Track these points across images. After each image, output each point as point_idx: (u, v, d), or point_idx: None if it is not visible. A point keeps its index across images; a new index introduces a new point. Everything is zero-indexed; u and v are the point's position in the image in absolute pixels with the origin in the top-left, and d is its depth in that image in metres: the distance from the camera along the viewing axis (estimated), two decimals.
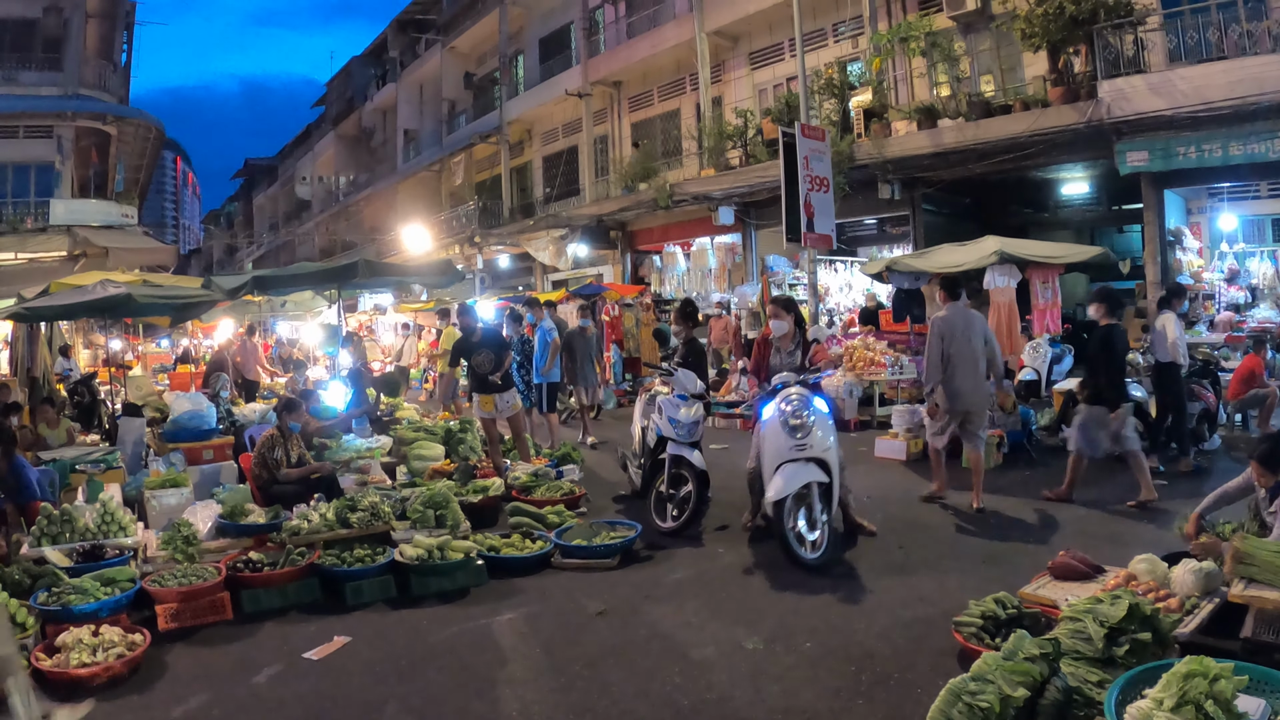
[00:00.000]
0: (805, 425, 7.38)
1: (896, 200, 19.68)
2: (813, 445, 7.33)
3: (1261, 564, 4.80)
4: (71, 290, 13.72)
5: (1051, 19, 16.11)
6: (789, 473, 7.25)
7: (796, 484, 7.19)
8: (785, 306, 8.39)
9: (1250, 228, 18.49)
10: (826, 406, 7.79)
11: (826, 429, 7.54)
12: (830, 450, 7.43)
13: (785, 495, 7.13)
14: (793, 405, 7.50)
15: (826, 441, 7.43)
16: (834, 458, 7.48)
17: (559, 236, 28.92)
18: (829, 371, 7.65)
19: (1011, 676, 4.00)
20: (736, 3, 24.00)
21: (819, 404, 7.68)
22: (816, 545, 7.28)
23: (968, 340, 9.11)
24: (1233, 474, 6.17)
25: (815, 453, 7.33)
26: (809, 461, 7.32)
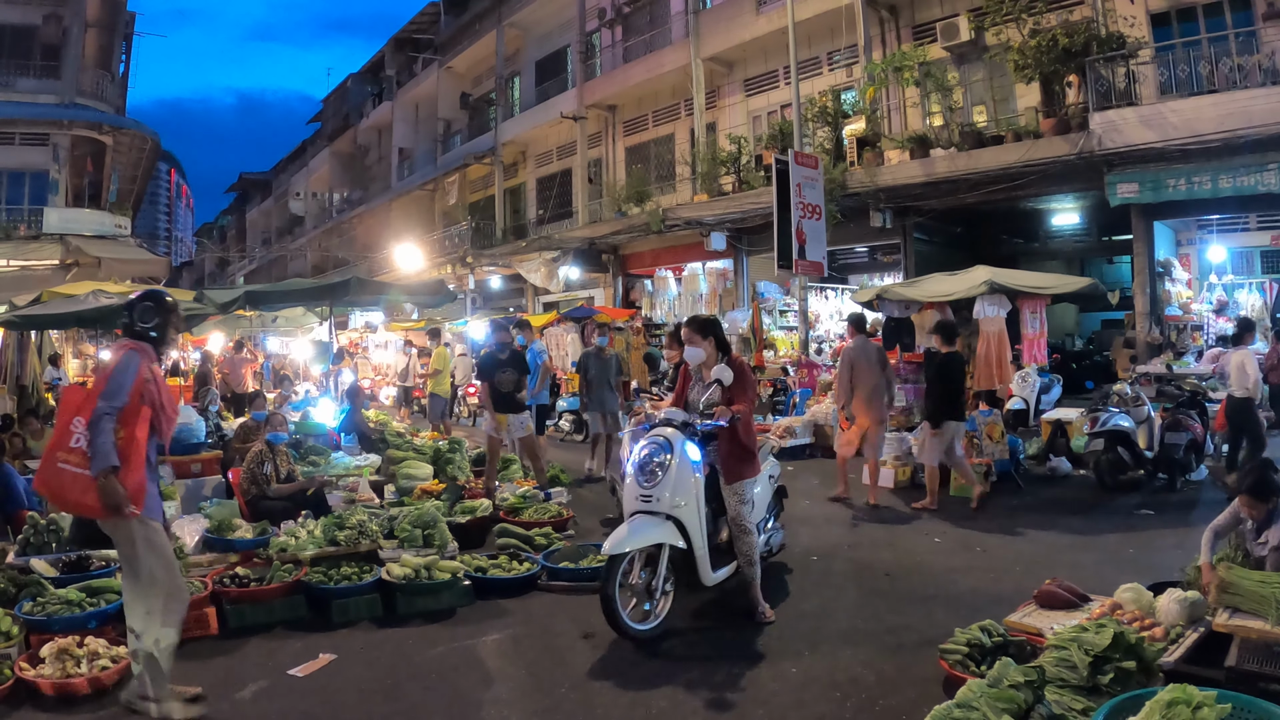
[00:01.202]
0: (654, 475, 6.33)
1: (888, 229, 19.74)
2: (659, 500, 6.24)
3: (1246, 594, 4.83)
4: (63, 299, 13.73)
5: (1044, 51, 16.30)
6: (636, 526, 6.24)
7: (640, 542, 6.14)
8: (700, 329, 6.91)
9: (1239, 259, 18.61)
10: (698, 455, 6.47)
11: (686, 485, 6.31)
12: (685, 509, 6.27)
13: (621, 551, 6.04)
14: (648, 449, 6.48)
15: (678, 498, 6.25)
16: (692, 517, 6.31)
17: (551, 259, 28.94)
18: (722, 421, 6.36)
19: (996, 704, 4.02)
20: (732, 30, 24.12)
21: (690, 452, 6.41)
22: (651, 615, 6.26)
23: (868, 367, 11.14)
24: (1219, 503, 6.20)
25: (663, 507, 6.24)
26: (667, 519, 6.26)
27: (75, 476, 4.89)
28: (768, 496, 7.50)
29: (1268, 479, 5.51)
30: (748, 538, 6.57)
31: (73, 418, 5.00)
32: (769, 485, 7.57)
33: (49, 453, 5.06)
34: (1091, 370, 21.04)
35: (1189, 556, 6.16)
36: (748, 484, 6.68)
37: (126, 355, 5.11)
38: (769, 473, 7.59)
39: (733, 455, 6.61)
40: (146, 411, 5.08)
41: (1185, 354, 15.99)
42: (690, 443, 6.47)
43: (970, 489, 10.75)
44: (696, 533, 6.34)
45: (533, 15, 33.58)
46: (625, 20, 29.61)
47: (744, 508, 6.61)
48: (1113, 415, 11.22)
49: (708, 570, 6.46)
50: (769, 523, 7.58)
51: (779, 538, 7.87)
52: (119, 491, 4.84)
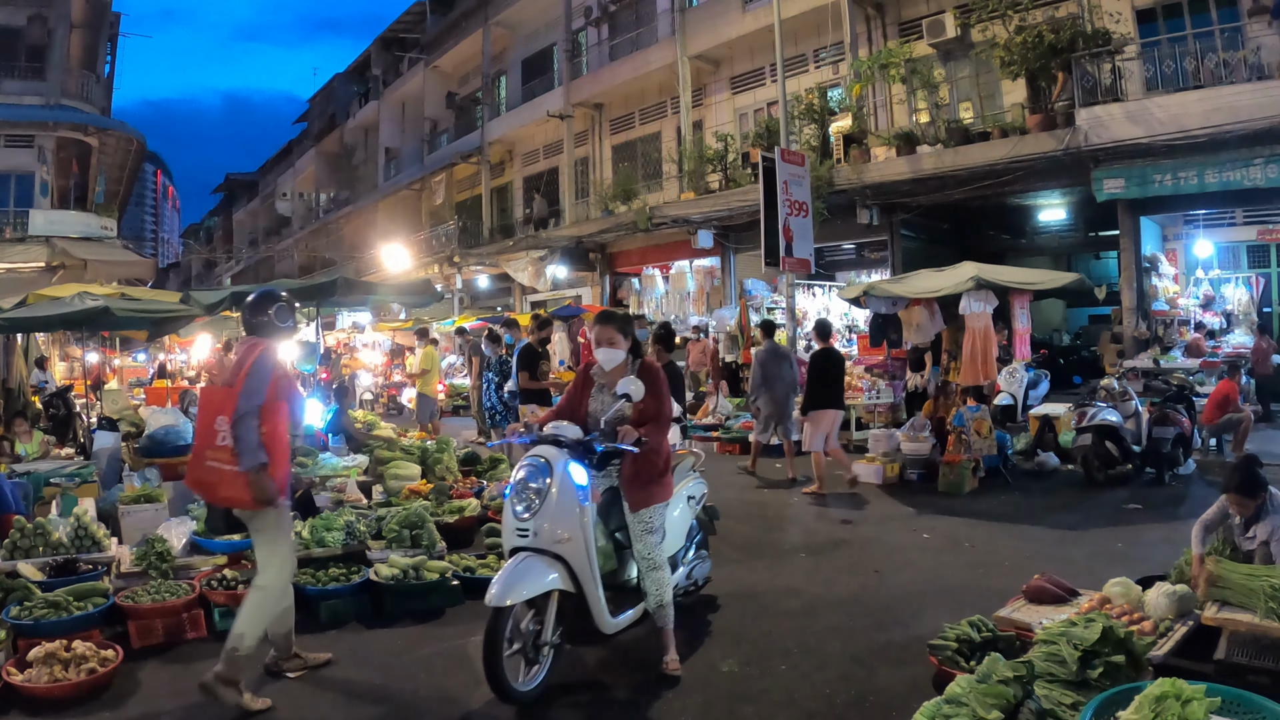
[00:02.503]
0: (531, 504, 5.27)
1: (875, 225, 19.77)
2: (538, 534, 5.21)
3: (1234, 587, 4.85)
4: (49, 302, 13.65)
5: (1030, 47, 16.33)
6: (519, 570, 5.15)
7: (527, 590, 5.07)
8: (620, 327, 5.82)
9: (1225, 254, 18.68)
10: (584, 478, 5.38)
11: (569, 516, 5.24)
12: (570, 545, 5.22)
13: (504, 604, 4.95)
14: (524, 472, 5.41)
15: (560, 531, 5.21)
16: (579, 555, 5.25)
17: (538, 257, 28.92)
18: (626, 445, 5.38)
19: (985, 699, 4.02)
20: (718, 28, 24.14)
21: (574, 475, 5.32)
22: (536, 671, 5.28)
23: (778, 366, 12.51)
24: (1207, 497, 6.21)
25: (543, 543, 5.21)
26: (555, 558, 5.22)
27: (224, 473, 5.27)
28: (687, 522, 6.49)
29: (1255, 476, 5.53)
30: (656, 574, 5.60)
31: (215, 417, 5.36)
32: (688, 509, 6.51)
33: (197, 451, 5.51)
34: (1079, 365, 21.13)
35: (1177, 550, 6.18)
36: (658, 510, 5.68)
37: (261, 355, 5.43)
38: (688, 493, 6.53)
39: (638, 476, 5.63)
40: (283, 406, 5.49)
41: (1172, 349, 16.06)
42: (575, 463, 5.38)
43: (961, 484, 10.91)
44: (586, 573, 5.29)
45: (519, 14, 33.53)
46: (611, 19, 29.61)
47: (652, 538, 5.61)
48: (1100, 410, 11.27)
49: (605, 615, 5.40)
50: (688, 552, 6.57)
51: (704, 569, 6.81)
52: (270, 486, 5.25)
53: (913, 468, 12.07)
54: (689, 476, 6.70)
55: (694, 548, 6.73)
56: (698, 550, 6.80)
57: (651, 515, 5.63)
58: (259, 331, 5.69)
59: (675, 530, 6.16)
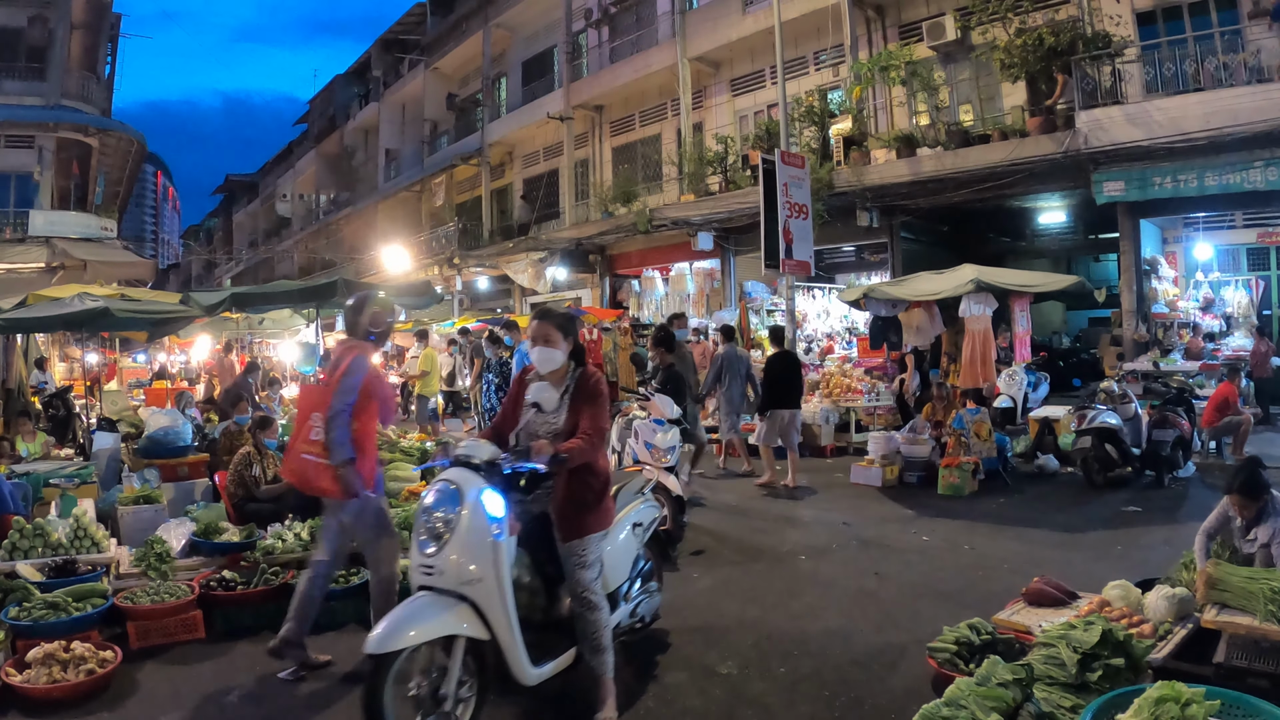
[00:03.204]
0: (436, 535, 4.55)
1: (875, 228, 19.78)
2: (443, 572, 4.49)
3: (1234, 590, 4.84)
4: (49, 302, 13.66)
5: (1030, 50, 16.34)
6: (416, 609, 4.44)
7: (419, 635, 4.35)
8: (560, 325, 5.11)
9: (1225, 257, 18.70)
10: (500, 508, 4.61)
11: (480, 551, 4.50)
12: (481, 585, 4.48)
13: (387, 651, 4.25)
14: (431, 499, 4.68)
15: (469, 569, 4.48)
16: (491, 596, 4.50)
17: (538, 259, 28.92)
18: (537, 464, 4.68)
19: (985, 702, 4.02)
20: (719, 30, 24.14)
21: (487, 504, 4.58)
22: None
23: (736, 368, 12.71)
24: (1207, 500, 6.20)
25: (449, 583, 4.48)
26: (460, 599, 4.48)
27: (316, 465, 5.68)
28: (632, 552, 5.66)
29: (1258, 477, 5.52)
30: (591, 615, 4.89)
31: (311, 414, 5.80)
32: (634, 537, 5.70)
33: (293, 444, 5.92)
34: (1079, 368, 21.12)
35: (1177, 553, 6.18)
36: (593, 541, 5.00)
37: (356, 358, 5.79)
38: (634, 519, 5.74)
39: (570, 502, 4.97)
40: (374, 405, 5.84)
41: (1172, 351, 16.07)
42: (490, 490, 4.64)
43: (960, 487, 10.92)
44: (500, 618, 4.52)
45: (519, 16, 33.55)
46: (612, 20, 29.59)
47: (585, 574, 4.92)
48: (1100, 413, 11.27)
49: (524, 666, 4.64)
50: (632, 587, 5.72)
51: (650, 605, 5.93)
52: (355, 480, 5.61)
53: (912, 470, 12.07)
54: (637, 499, 5.95)
55: (640, 581, 5.85)
56: (645, 584, 5.90)
57: (585, 548, 4.95)
58: (356, 333, 6.04)
59: (616, 563, 5.41)
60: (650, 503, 6.12)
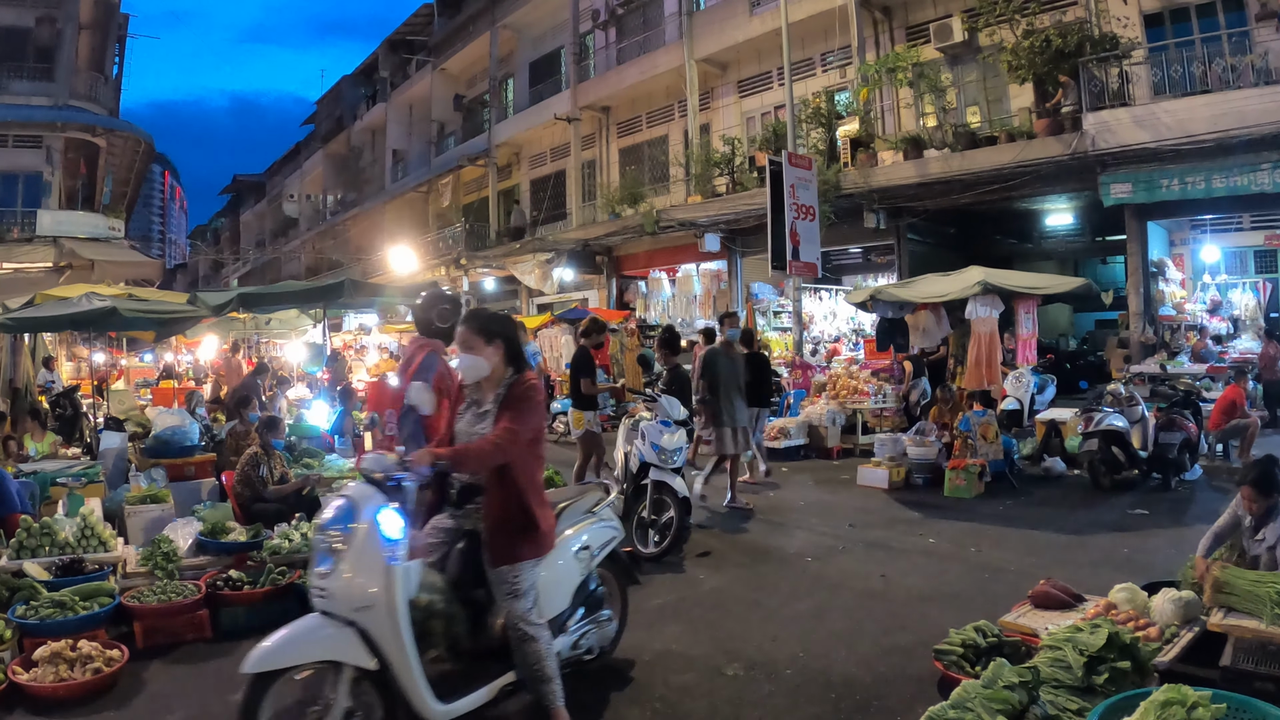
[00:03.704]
0: (330, 554, 4.17)
1: (882, 229, 19.78)
2: (334, 594, 4.10)
3: (1241, 593, 4.83)
4: (56, 302, 13.69)
5: (1038, 52, 16.32)
6: (295, 631, 4.08)
7: (295, 656, 4.01)
8: (482, 329, 4.63)
9: (1232, 259, 18.67)
10: (398, 529, 4.22)
11: (372, 576, 4.12)
12: (372, 613, 4.09)
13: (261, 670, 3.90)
14: (328, 515, 4.32)
15: (360, 594, 4.10)
16: (383, 624, 4.10)
17: (545, 260, 28.93)
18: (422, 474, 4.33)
19: (991, 704, 4.01)
20: (726, 31, 24.14)
21: (384, 524, 4.18)
22: None
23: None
24: (1214, 503, 6.19)
25: (339, 608, 4.09)
26: (348, 624, 4.08)
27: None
28: (574, 578, 5.17)
29: (1272, 474, 5.50)
30: (528, 646, 4.50)
31: (386, 409, 6.04)
32: (576, 564, 5.19)
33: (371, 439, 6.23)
34: (1086, 370, 21.10)
35: (1183, 556, 6.17)
36: (524, 569, 4.55)
37: (428, 355, 6.02)
38: (580, 543, 5.25)
39: (502, 524, 4.54)
40: (445, 402, 5.85)
41: (1179, 354, 16.03)
42: (388, 509, 4.24)
43: (966, 489, 10.94)
44: (395, 649, 4.11)
45: (526, 17, 33.58)
46: (619, 22, 29.61)
47: (517, 604, 4.50)
48: (1107, 415, 11.24)
49: (426, 701, 4.20)
50: (575, 616, 5.20)
51: (599, 636, 5.41)
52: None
53: (918, 472, 12.05)
54: (585, 519, 5.44)
55: (585, 609, 5.29)
56: (592, 612, 5.36)
57: (516, 575, 4.52)
58: (427, 330, 6.32)
59: (554, 590, 4.95)
60: (605, 523, 5.57)
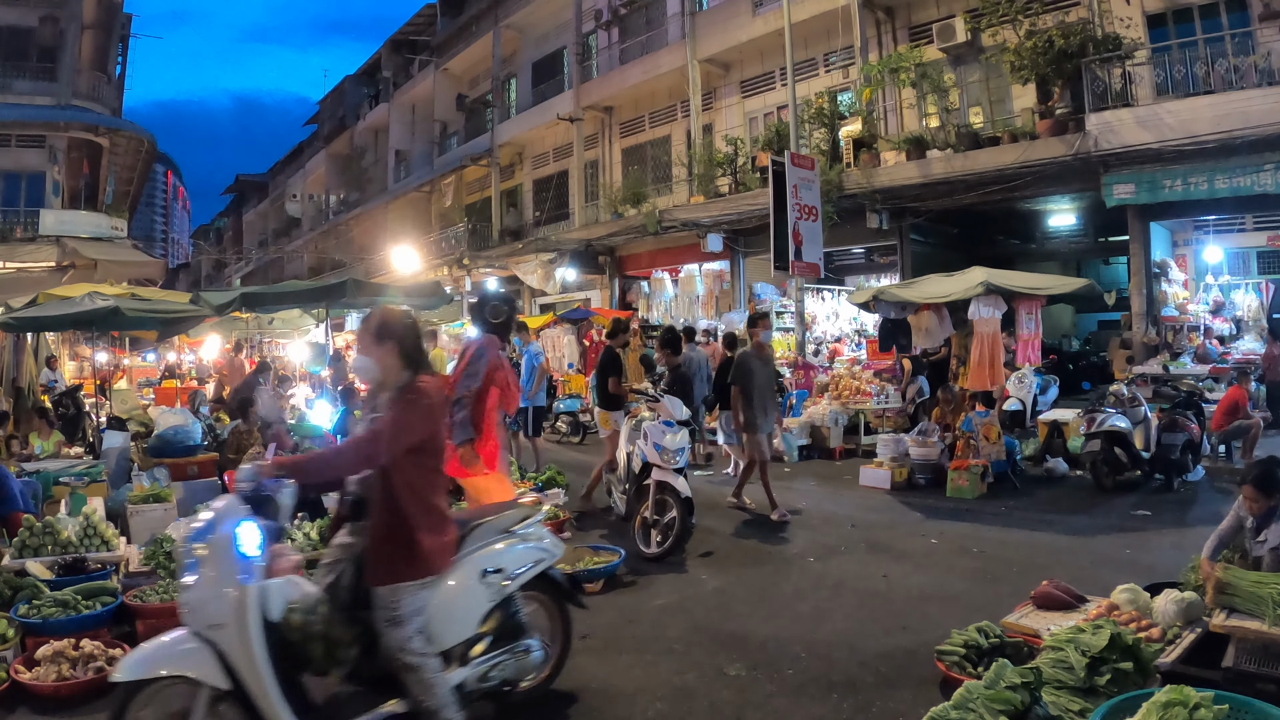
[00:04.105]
0: (192, 569, 4.01)
1: (884, 230, 19.77)
2: (192, 610, 3.96)
3: (1243, 594, 4.83)
4: (59, 301, 13.72)
5: (1040, 52, 16.31)
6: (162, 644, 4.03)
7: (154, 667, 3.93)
8: (376, 330, 4.36)
9: (1235, 260, 18.65)
10: (256, 545, 4.03)
11: (225, 597, 3.90)
12: (225, 632, 3.88)
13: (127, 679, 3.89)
14: (192, 528, 4.17)
15: (213, 614, 3.91)
16: (234, 645, 3.88)
17: (548, 260, 28.93)
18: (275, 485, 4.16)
19: (993, 705, 4.01)
20: (729, 31, 24.13)
21: (242, 540, 3.98)
22: None
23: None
24: (1217, 504, 6.18)
25: (196, 624, 3.93)
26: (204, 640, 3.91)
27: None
28: (480, 604, 4.63)
29: (1272, 474, 5.50)
30: (411, 676, 4.17)
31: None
32: (483, 589, 4.64)
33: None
34: (1088, 371, 21.11)
35: (1186, 557, 6.16)
36: (405, 592, 4.16)
37: (480, 347, 6.45)
38: (487, 565, 4.69)
39: (381, 541, 4.19)
40: (496, 392, 6.45)
41: (1182, 355, 16.02)
42: (249, 523, 4.05)
43: (969, 490, 10.95)
44: (248, 669, 3.88)
45: (529, 17, 33.59)
46: (622, 22, 29.61)
47: (397, 631, 4.14)
48: (1109, 416, 11.23)
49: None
50: (477, 644, 4.67)
51: (515, 668, 4.81)
52: (475, 458, 6.31)
53: (921, 472, 12.05)
54: (499, 540, 4.89)
55: (497, 638, 4.77)
56: (506, 642, 4.80)
57: (396, 598, 4.15)
58: (481, 326, 6.76)
59: (452, 617, 4.47)
60: (529, 543, 5.00)
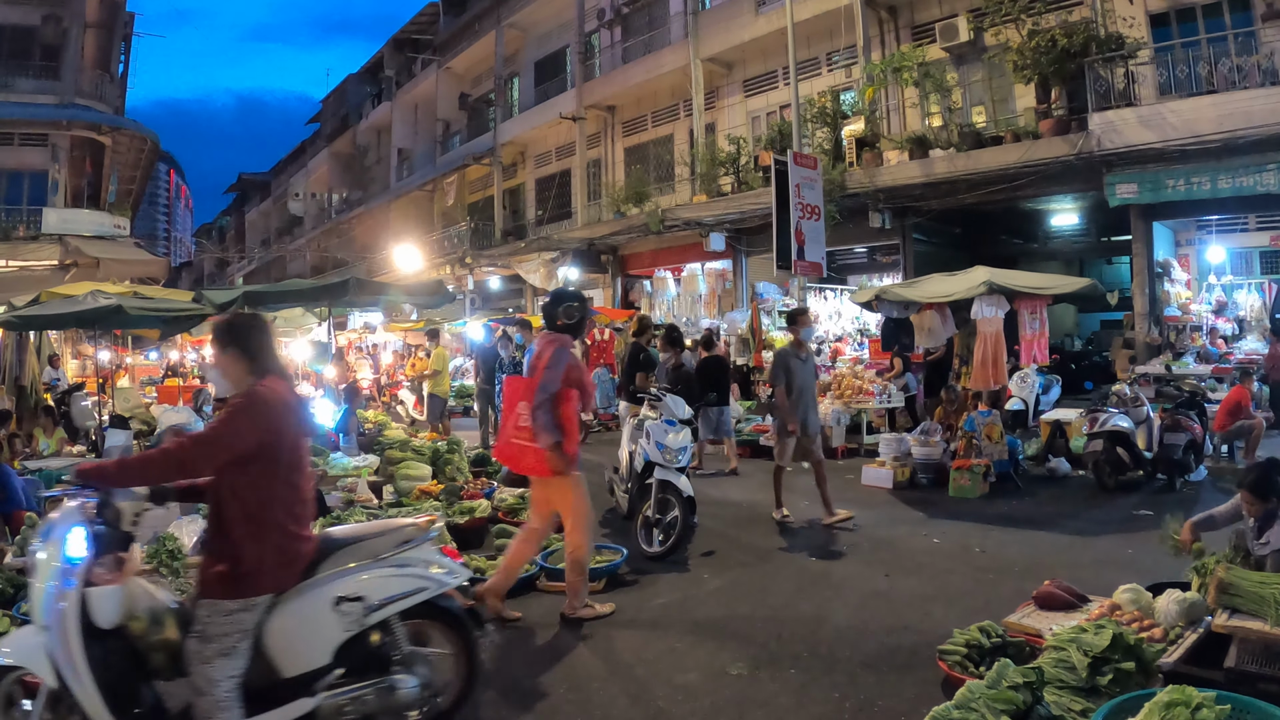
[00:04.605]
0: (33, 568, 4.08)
1: (887, 229, 19.75)
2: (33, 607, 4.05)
3: (1245, 594, 4.82)
4: (62, 300, 13.74)
5: (1043, 52, 16.29)
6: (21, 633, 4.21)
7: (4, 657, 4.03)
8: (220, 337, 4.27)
9: (1238, 260, 18.62)
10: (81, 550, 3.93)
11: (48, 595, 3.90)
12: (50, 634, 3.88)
13: None
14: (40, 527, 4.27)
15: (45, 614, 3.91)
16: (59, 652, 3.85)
17: (550, 259, 28.94)
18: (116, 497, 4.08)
19: (995, 705, 4.02)
20: (731, 30, 24.14)
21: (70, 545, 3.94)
22: None
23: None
24: (1218, 504, 6.16)
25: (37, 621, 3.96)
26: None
27: (526, 448, 6.51)
28: (331, 633, 4.19)
29: (1269, 478, 5.49)
30: (200, 700, 3.86)
31: (519, 402, 6.60)
32: (336, 617, 4.19)
33: (505, 430, 6.83)
34: (1091, 371, 21.09)
35: (1188, 558, 6.16)
36: (218, 608, 3.91)
37: (557, 350, 6.53)
38: (343, 592, 4.23)
39: (208, 555, 4.09)
40: (574, 393, 6.54)
41: (1184, 354, 16.01)
42: (79, 528, 3.94)
43: (971, 489, 10.95)
44: (69, 671, 3.81)
45: (532, 16, 33.63)
46: (624, 21, 29.64)
47: (198, 647, 3.88)
48: (1112, 416, 11.22)
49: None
50: (325, 677, 4.20)
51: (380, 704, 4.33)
52: (563, 459, 6.37)
53: (923, 472, 12.04)
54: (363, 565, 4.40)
55: (356, 671, 4.32)
56: (369, 676, 4.33)
57: (207, 614, 3.91)
58: (553, 327, 6.83)
59: (291, 645, 4.12)
60: (404, 570, 4.50)
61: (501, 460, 7.12)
